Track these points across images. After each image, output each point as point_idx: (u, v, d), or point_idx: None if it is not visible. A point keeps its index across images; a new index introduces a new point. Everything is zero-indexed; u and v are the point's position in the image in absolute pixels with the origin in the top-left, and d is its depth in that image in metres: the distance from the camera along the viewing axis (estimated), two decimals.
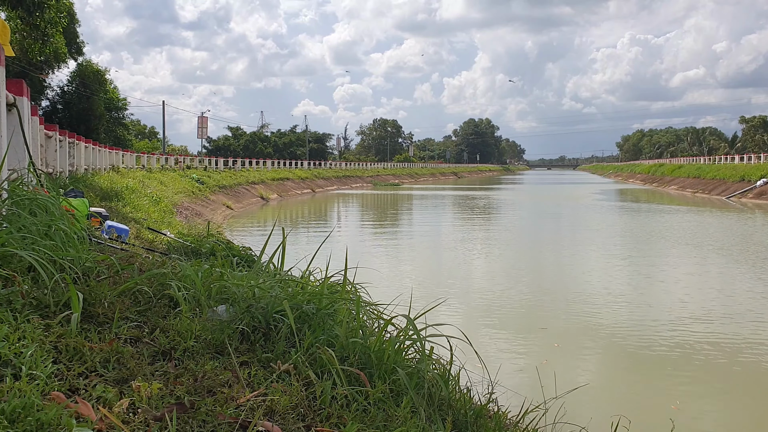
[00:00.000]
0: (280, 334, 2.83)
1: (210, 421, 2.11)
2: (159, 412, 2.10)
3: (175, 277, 3.24)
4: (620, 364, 7.15)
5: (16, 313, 2.46)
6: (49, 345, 2.31)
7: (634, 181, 73.42)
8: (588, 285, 11.71)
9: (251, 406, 2.25)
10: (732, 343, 7.74)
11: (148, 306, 2.94)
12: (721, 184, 42.49)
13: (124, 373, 2.31)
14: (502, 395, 3.21)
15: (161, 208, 16.42)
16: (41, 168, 9.30)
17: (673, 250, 16.42)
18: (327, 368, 2.57)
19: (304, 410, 2.33)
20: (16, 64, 26.81)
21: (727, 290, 11.20)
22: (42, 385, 2.01)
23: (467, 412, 2.70)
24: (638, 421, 4.23)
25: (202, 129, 63.22)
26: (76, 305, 2.54)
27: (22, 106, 5.55)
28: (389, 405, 2.45)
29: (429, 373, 2.85)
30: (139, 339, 2.66)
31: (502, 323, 8.66)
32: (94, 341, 2.44)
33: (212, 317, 2.93)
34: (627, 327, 8.48)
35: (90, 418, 1.98)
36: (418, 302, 3.41)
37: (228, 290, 3.18)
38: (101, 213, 7.92)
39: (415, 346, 3.02)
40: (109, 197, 13.37)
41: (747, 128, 79.27)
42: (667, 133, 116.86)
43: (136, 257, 4.21)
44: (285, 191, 44.60)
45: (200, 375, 2.45)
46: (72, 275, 2.94)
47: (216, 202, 29.01)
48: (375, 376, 2.62)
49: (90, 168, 19.38)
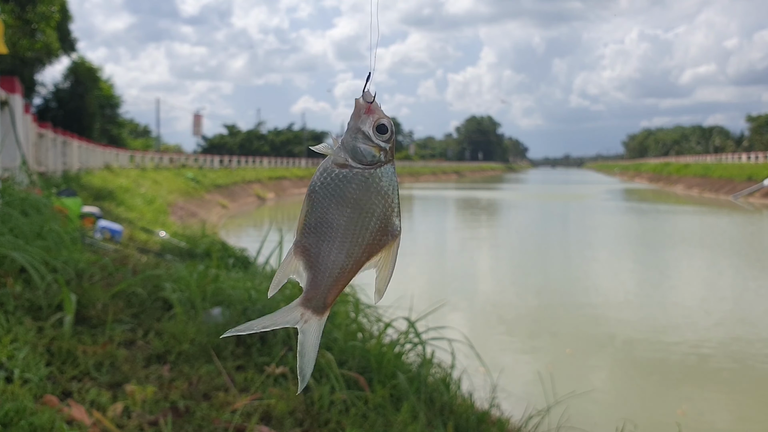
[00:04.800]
0: (277, 337, 2.79)
1: (205, 425, 2.07)
2: (153, 417, 2.06)
3: (170, 279, 3.20)
4: (626, 368, 7.12)
5: (9, 315, 2.41)
6: (42, 348, 2.26)
7: (640, 180, 73.31)
8: (595, 288, 11.67)
9: (247, 411, 2.21)
10: (741, 347, 7.72)
11: (142, 308, 2.90)
12: (728, 183, 42.45)
13: (118, 376, 2.27)
14: (505, 400, 3.18)
15: (155, 207, 16.33)
16: (34, 167, 9.22)
17: (682, 253, 16.40)
18: (325, 372, 2.53)
19: (301, 415, 2.29)
20: (6, 61, 26.64)
21: (738, 294, 11.18)
22: (35, 389, 1.97)
23: (469, 417, 2.66)
24: (644, 426, 4.20)
25: (197, 127, 63.04)
26: (69, 307, 2.50)
27: (14, 103, 5.49)
28: (389, 410, 2.41)
29: (430, 377, 2.81)
30: (133, 342, 2.61)
31: (506, 327, 8.60)
32: (87, 344, 2.39)
33: (207, 320, 2.88)
34: (634, 331, 8.45)
35: (83, 422, 1.94)
36: (419, 305, 3.37)
37: (223, 292, 3.13)
38: (94, 213, 7.84)
39: (415, 350, 2.98)
40: (102, 197, 13.29)
41: (754, 127, 79.45)
42: (673, 132, 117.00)
43: (130, 258, 4.16)
44: (282, 190, 44.50)
45: (195, 379, 2.40)
46: (65, 277, 2.89)
47: (211, 202, 28.90)
48: (374, 381, 2.58)
49: (83, 167, 19.28)
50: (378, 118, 0.77)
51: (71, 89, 36.84)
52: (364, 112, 0.77)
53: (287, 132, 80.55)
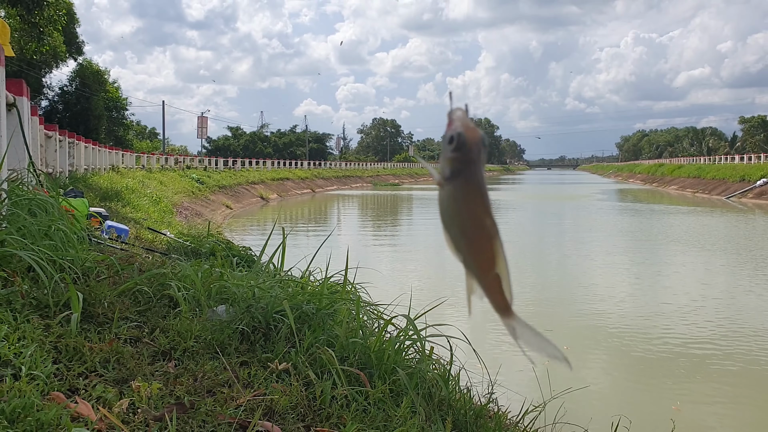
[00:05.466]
0: (280, 334, 2.83)
1: (210, 421, 2.11)
2: (159, 413, 2.10)
3: (175, 277, 3.24)
4: (622, 365, 7.15)
5: (16, 313, 2.46)
6: (48, 345, 2.30)
7: (634, 181, 73.31)
8: (591, 286, 11.69)
9: (251, 406, 2.25)
10: (735, 344, 7.73)
11: (147, 306, 2.94)
12: (721, 184, 42.41)
13: (124, 373, 2.31)
14: (503, 395, 3.21)
15: (161, 208, 16.40)
16: (41, 168, 9.29)
17: (676, 251, 16.38)
18: (327, 368, 2.57)
19: (303, 410, 2.32)
20: (14, 64, 26.78)
21: (731, 292, 11.18)
22: (42, 385, 2.00)
23: (467, 412, 2.70)
24: (639, 421, 4.22)
25: (202, 129, 63.21)
26: (76, 305, 2.54)
27: (21, 106, 5.55)
28: (389, 405, 2.45)
29: (429, 373, 2.85)
30: (139, 339, 2.65)
31: (502, 324, 8.61)
32: (93, 341, 2.44)
33: (212, 317, 2.93)
34: (628, 328, 8.47)
35: (90, 419, 1.98)
36: (418, 302, 3.41)
37: (228, 290, 3.17)
38: (101, 213, 7.90)
39: (415, 346, 3.02)
40: (108, 197, 13.36)
41: (746, 128, 79.11)
42: (666, 133, 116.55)
43: (136, 257, 4.21)
44: (285, 191, 44.57)
45: (200, 375, 2.44)
46: (72, 275, 2.94)
47: (216, 202, 28.99)
48: (375, 376, 2.62)
49: (90, 168, 19.38)
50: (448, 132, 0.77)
51: (78, 92, 36.94)
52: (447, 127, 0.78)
53: (290, 134, 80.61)
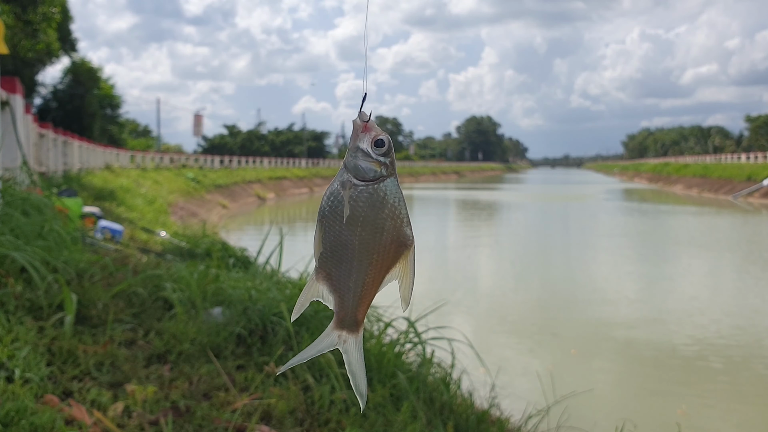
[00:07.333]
0: (278, 336, 2.79)
1: (205, 425, 2.08)
2: (154, 416, 2.07)
3: (170, 279, 3.20)
4: (626, 368, 7.11)
5: (9, 315, 2.42)
6: (42, 347, 2.27)
7: (639, 180, 73.19)
8: (595, 288, 11.65)
9: (248, 411, 2.21)
10: (742, 347, 7.70)
11: (142, 308, 2.90)
12: (727, 183, 42.38)
13: (119, 376, 2.28)
14: (505, 399, 3.18)
15: (156, 207, 16.33)
16: (34, 167, 9.23)
17: (684, 253, 16.37)
18: (325, 372, 2.54)
19: (301, 414, 2.29)
20: (7, 61, 26.63)
21: (739, 293, 11.17)
22: (36, 388, 1.97)
23: (469, 417, 2.66)
24: (644, 424, 4.20)
25: (198, 127, 63.06)
26: (69, 307, 2.50)
27: (15, 104, 5.50)
28: (389, 409, 2.41)
29: (430, 376, 2.82)
30: (134, 341, 2.61)
31: (505, 326, 8.58)
32: (88, 344, 2.40)
33: (208, 320, 2.89)
34: (634, 331, 8.43)
35: (84, 422, 1.94)
36: (419, 305, 3.37)
37: (224, 292, 3.14)
38: (95, 213, 7.85)
39: (416, 350, 2.98)
40: (103, 197, 13.29)
41: (753, 127, 79.19)
42: (672, 132, 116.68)
43: (131, 258, 4.16)
44: (282, 190, 44.45)
45: (196, 379, 2.41)
46: (66, 277, 2.90)
47: (212, 202, 28.89)
48: (375, 380, 2.59)
49: (83, 167, 19.29)
50: (375, 135, 0.78)
51: (71, 89, 36.79)
52: (361, 131, 0.78)
53: (287, 132, 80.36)
